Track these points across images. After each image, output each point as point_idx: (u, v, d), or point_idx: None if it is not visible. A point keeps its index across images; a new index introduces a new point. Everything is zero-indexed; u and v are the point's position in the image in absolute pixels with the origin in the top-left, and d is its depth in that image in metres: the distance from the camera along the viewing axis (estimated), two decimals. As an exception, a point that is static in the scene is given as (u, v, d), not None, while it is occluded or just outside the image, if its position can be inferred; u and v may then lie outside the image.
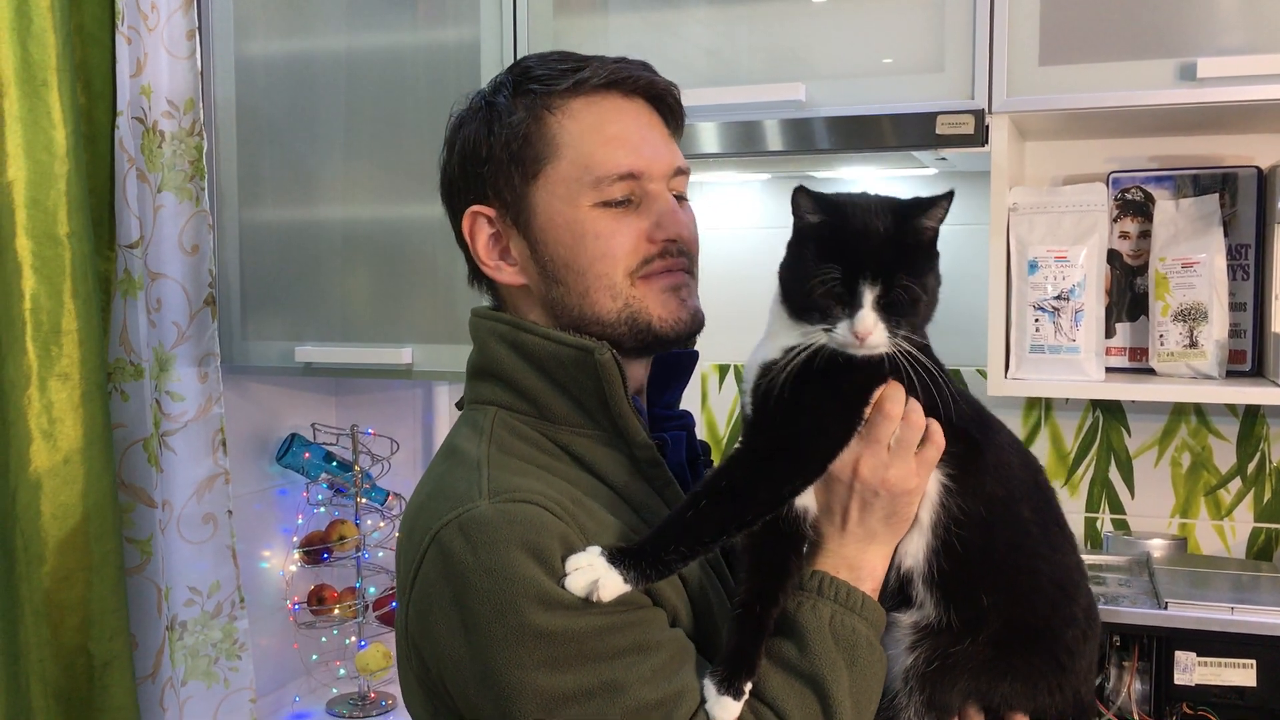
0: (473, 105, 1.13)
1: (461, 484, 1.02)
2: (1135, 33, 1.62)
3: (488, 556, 0.95)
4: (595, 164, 1.06)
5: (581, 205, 1.07)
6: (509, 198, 1.09)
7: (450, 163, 1.14)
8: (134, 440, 1.91)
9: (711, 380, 2.23)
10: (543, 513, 0.98)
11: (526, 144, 1.08)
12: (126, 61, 1.92)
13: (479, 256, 1.12)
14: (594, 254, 1.07)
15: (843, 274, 0.94)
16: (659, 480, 1.09)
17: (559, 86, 1.08)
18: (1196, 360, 1.72)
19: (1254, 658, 1.54)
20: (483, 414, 1.11)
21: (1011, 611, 1.03)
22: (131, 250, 1.91)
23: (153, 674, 1.92)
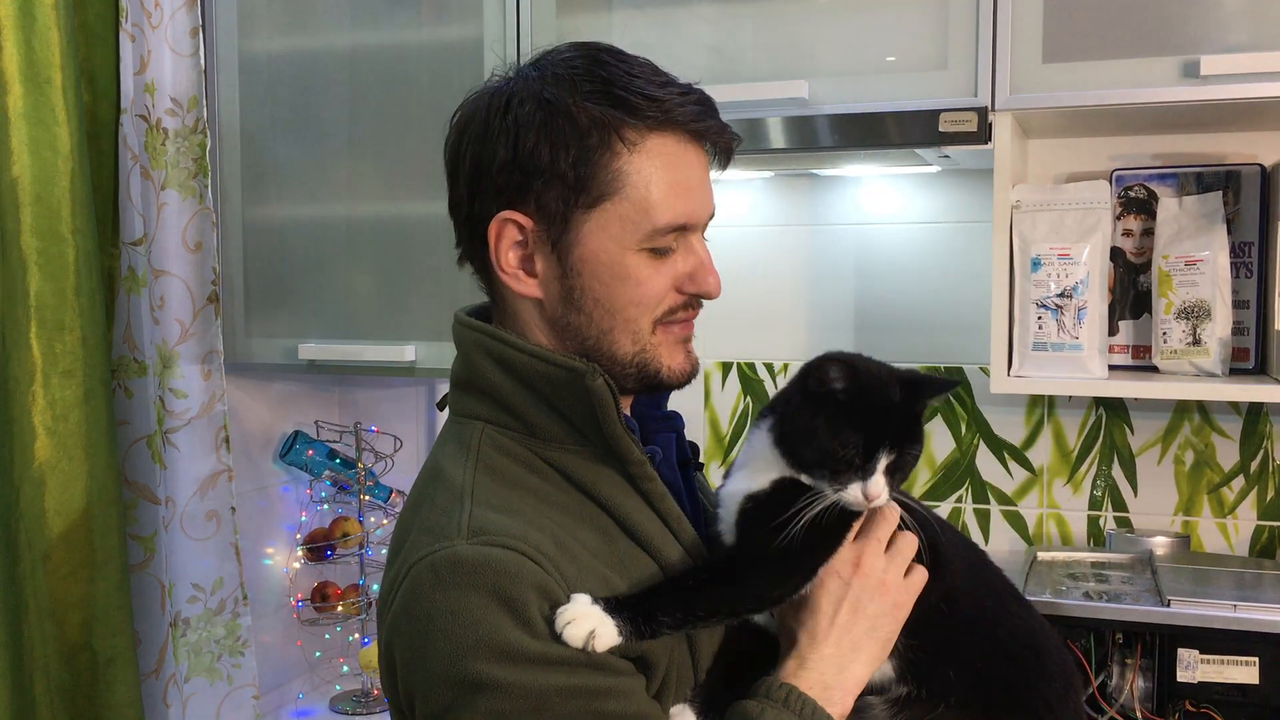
0: (525, 92, 1.02)
1: (443, 516, 0.99)
2: (1138, 30, 1.62)
3: (456, 599, 0.93)
4: (656, 212, 1.02)
5: (629, 247, 1.02)
6: (555, 217, 1.02)
7: (485, 151, 1.03)
8: (138, 437, 1.91)
9: (714, 378, 2.23)
10: (522, 560, 0.94)
11: (593, 173, 1.01)
12: (130, 59, 1.92)
13: (498, 260, 1.05)
14: (629, 297, 1.04)
15: (864, 443, 1.01)
16: (653, 494, 1.06)
17: (643, 120, 1.01)
18: (1199, 358, 1.72)
19: (1257, 655, 1.54)
20: (470, 429, 1.07)
21: (980, 677, 1.08)
22: (135, 247, 1.91)
23: (156, 670, 1.93)
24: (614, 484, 1.05)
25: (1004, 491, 2.07)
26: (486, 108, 1.04)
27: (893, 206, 2.11)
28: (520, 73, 1.06)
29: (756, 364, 2.21)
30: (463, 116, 1.07)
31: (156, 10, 1.96)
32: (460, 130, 1.06)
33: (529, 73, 1.05)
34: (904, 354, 2.11)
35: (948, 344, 2.09)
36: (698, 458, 1.20)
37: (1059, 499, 2.03)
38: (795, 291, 2.18)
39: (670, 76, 1.05)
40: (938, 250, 2.09)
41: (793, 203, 2.16)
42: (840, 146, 1.75)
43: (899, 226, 2.11)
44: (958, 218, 2.07)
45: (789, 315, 2.19)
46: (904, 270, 2.11)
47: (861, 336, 2.14)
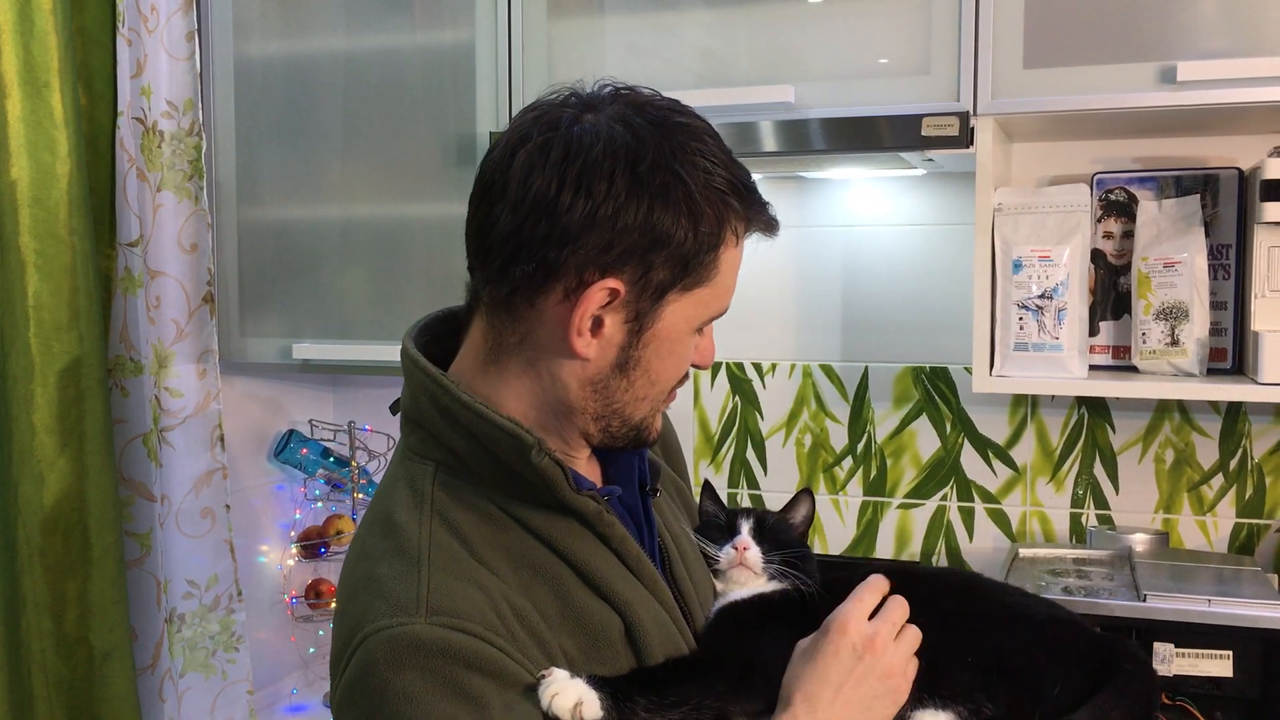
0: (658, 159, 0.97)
1: (400, 584, 0.96)
2: (1117, 36, 1.65)
3: (411, 682, 0.91)
4: (724, 299, 1.05)
5: (693, 328, 1.04)
6: (653, 290, 0.99)
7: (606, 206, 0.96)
8: (134, 435, 1.94)
9: (704, 378, 2.26)
10: (483, 646, 0.92)
11: (704, 260, 1.00)
12: (127, 63, 1.95)
13: (578, 321, 0.99)
14: (673, 373, 1.05)
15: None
16: (612, 539, 1.04)
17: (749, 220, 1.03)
18: (1177, 358, 1.75)
19: (1230, 649, 1.57)
20: (421, 473, 1.04)
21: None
22: (132, 248, 1.94)
23: (152, 665, 1.96)
24: (570, 531, 1.03)
25: (988, 490, 2.10)
26: (607, 159, 0.96)
27: (879, 209, 2.15)
28: (627, 122, 0.99)
29: (745, 364, 2.24)
30: (553, 152, 0.97)
31: (153, 14, 1.98)
32: (555, 166, 0.97)
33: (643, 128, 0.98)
34: (890, 354, 2.15)
35: (932, 345, 2.12)
36: (655, 481, 1.16)
37: (1042, 497, 2.06)
38: (783, 293, 2.21)
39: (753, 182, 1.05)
40: (923, 252, 2.12)
41: (781, 205, 2.14)
42: (826, 150, 1.78)
43: (885, 229, 2.15)
44: (942, 220, 2.11)
45: (777, 316, 2.22)
46: (890, 272, 2.14)
47: (848, 338, 2.17)
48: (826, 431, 2.20)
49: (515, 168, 0.98)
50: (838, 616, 1.07)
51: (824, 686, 1.04)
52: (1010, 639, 1.15)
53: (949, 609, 1.18)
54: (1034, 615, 1.20)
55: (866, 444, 2.17)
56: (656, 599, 1.06)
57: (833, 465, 2.20)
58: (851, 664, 1.05)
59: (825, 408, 2.20)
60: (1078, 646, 1.16)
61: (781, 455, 2.23)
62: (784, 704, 1.04)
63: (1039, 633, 1.17)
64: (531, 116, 1.01)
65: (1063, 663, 1.13)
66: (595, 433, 1.06)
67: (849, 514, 2.19)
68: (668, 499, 1.21)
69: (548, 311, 1.00)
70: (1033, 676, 1.11)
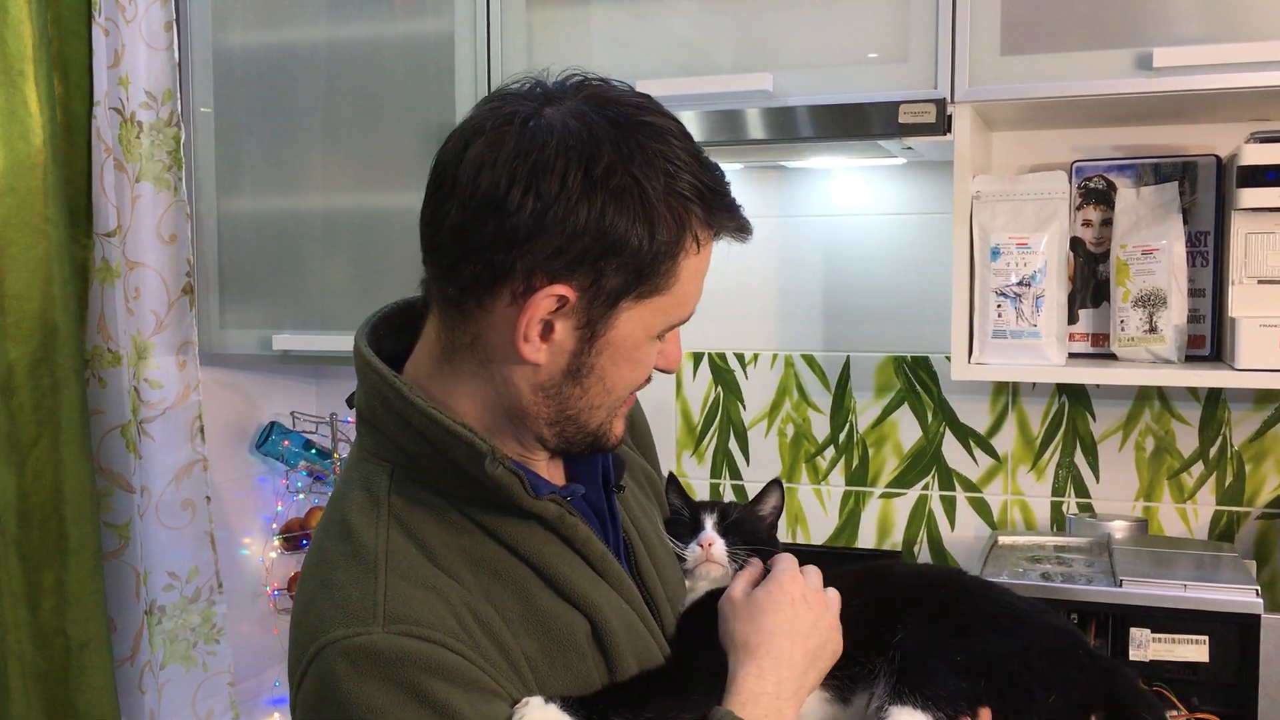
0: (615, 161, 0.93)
1: (356, 591, 0.94)
2: (1093, 23, 1.65)
3: (373, 693, 0.89)
4: (686, 306, 1.01)
5: (652, 335, 1.00)
6: (606, 298, 0.95)
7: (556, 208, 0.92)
8: (112, 426, 1.94)
9: (686, 369, 2.26)
10: (443, 653, 0.91)
11: (661, 268, 0.96)
12: (104, 52, 1.94)
13: (525, 327, 0.95)
14: (631, 380, 1.02)
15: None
16: (576, 540, 1.03)
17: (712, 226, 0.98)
18: (1156, 345, 1.75)
19: (1207, 634, 1.57)
20: (377, 475, 1.01)
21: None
22: (109, 239, 1.93)
23: (131, 657, 1.95)
24: (532, 534, 1.01)
25: (969, 479, 2.10)
26: (560, 160, 0.92)
27: (860, 198, 2.14)
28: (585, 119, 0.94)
29: (728, 354, 2.24)
30: (505, 148, 0.93)
31: (131, 4, 1.98)
32: (506, 165, 0.92)
33: (602, 128, 0.94)
34: (871, 344, 2.14)
35: (914, 333, 2.12)
36: (620, 477, 1.14)
37: (1023, 485, 2.06)
38: (765, 282, 2.21)
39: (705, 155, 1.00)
40: (904, 241, 2.12)
41: (763, 195, 2.19)
42: (804, 137, 1.78)
43: (867, 218, 2.15)
44: (923, 209, 2.11)
45: (760, 306, 2.21)
46: (872, 261, 2.14)
47: (830, 327, 2.17)
48: (809, 421, 2.20)
49: (466, 162, 0.94)
50: (779, 572, 1.10)
51: (782, 634, 1.05)
52: (1005, 642, 1.12)
53: (940, 605, 1.16)
54: (1031, 620, 1.16)
55: (848, 434, 2.17)
56: (623, 598, 1.05)
57: (815, 455, 2.19)
58: (804, 612, 1.07)
59: (807, 397, 2.20)
60: (1078, 659, 1.12)
61: (764, 445, 2.22)
62: (745, 654, 1.04)
63: (1036, 638, 1.13)
64: (489, 108, 0.97)
65: (1059, 673, 1.09)
66: (550, 437, 1.03)
67: (831, 504, 2.19)
68: (635, 491, 1.19)
69: (496, 314, 0.96)
70: (1025, 682, 1.08)
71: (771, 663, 1.03)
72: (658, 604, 1.11)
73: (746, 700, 1.01)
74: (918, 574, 1.34)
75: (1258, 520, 1.93)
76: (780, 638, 1.05)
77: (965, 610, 1.16)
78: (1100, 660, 1.14)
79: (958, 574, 1.31)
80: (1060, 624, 1.18)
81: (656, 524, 1.19)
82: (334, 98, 2.07)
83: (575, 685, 1.00)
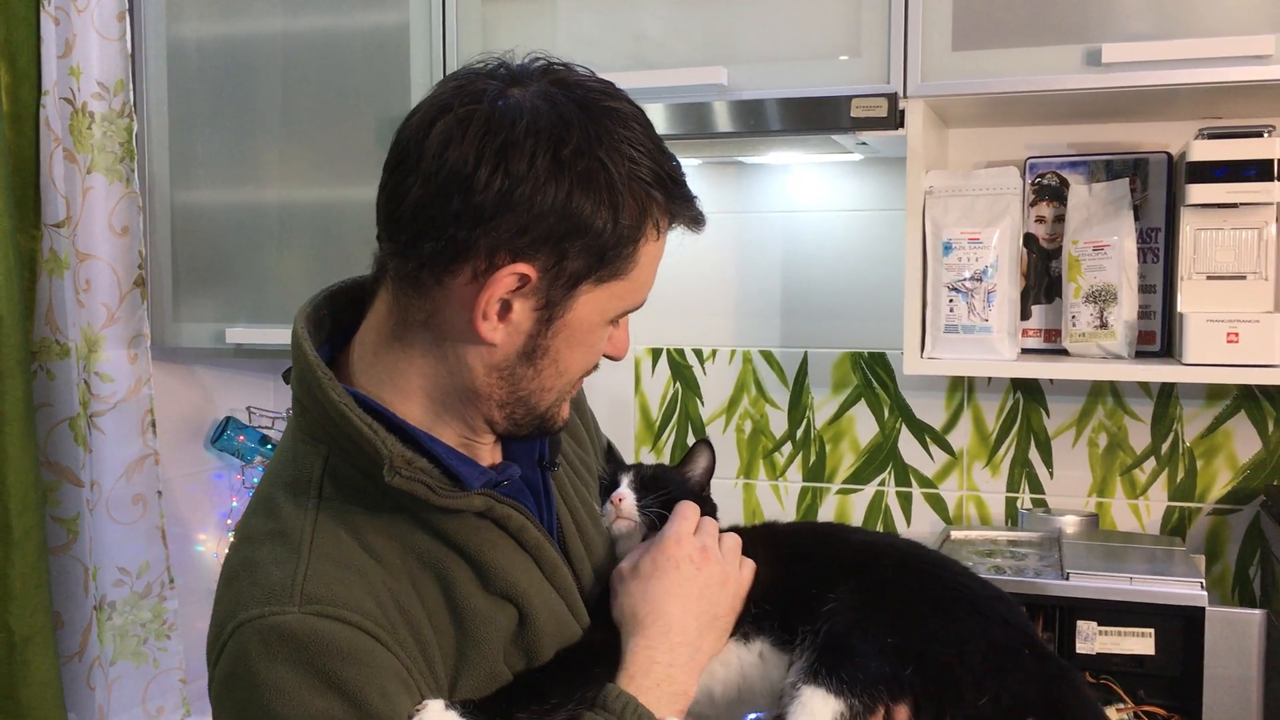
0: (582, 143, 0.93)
1: (277, 571, 0.92)
2: (1044, 19, 1.65)
3: (283, 675, 0.88)
4: (639, 294, 1.01)
5: (606, 320, 1.00)
6: (566, 279, 0.95)
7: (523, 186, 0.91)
8: (60, 419, 1.91)
9: (645, 365, 2.26)
10: (358, 636, 0.90)
11: (623, 253, 0.96)
12: (53, 42, 1.92)
13: (483, 304, 0.94)
14: (583, 363, 1.02)
15: None
16: (510, 526, 1.02)
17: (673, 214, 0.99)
18: (1106, 340, 1.76)
19: (1153, 627, 1.58)
20: (312, 455, 1.00)
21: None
22: (58, 230, 1.91)
23: (79, 653, 1.93)
24: (464, 522, 1.00)
25: (925, 475, 2.10)
26: (529, 140, 0.92)
27: (819, 195, 2.15)
28: (554, 101, 0.94)
29: (686, 350, 2.24)
30: (472, 125, 0.93)
31: (82, -6, 1.96)
32: (478, 142, 0.92)
33: (571, 111, 0.94)
34: (829, 339, 2.15)
35: (871, 329, 2.12)
36: (556, 454, 1.13)
37: (978, 481, 2.07)
38: (724, 278, 2.21)
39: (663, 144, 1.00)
40: (862, 237, 2.12)
41: (721, 190, 2.19)
42: (758, 131, 1.78)
43: (824, 214, 2.15)
44: (880, 205, 2.11)
45: (718, 302, 2.21)
46: (829, 257, 2.14)
47: (788, 323, 2.17)
48: (766, 418, 2.20)
49: (432, 138, 0.93)
50: (665, 534, 1.08)
51: (670, 600, 1.03)
52: (946, 629, 1.03)
53: (883, 578, 1.08)
54: (981, 610, 1.06)
55: (806, 430, 2.17)
56: (553, 585, 1.04)
57: (772, 451, 2.19)
58: (692, 574, 1.05)
59: (765, 394, 2.20)
60: (1022, 660, 1.03)
61: (722, 441, 2.22)
62: (634, 626, 1.03)
63: (982, 629, 1.04)
64: (454, 86, 0.96)
65: (997, 673, 1.00)
66: (500, 420, 1.02)
67: (789, 500, 2.19)
68: (569, 469, 1.18)
69: (455, 292, 0.95)
70: (957, 678, 1.00)
71: (660, 630, 1.02)
72: (585, 587, 1.10)
73: (635, 673, 1.00)
74: (868, 541, 1.22)
75: (1209, 516, 1.95)
76: (667, 603, 1.04)
77: (910, 587, 1.08)
78: (1049, 662, 1.05)
79: (912, 546, 1.18)
80: (1014, 618, 1.08)
81: (590, 504, 1.18)
82: (290, 90, 2.05)
83: (487, 684, 0.99)
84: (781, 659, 1.07)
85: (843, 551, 1.15)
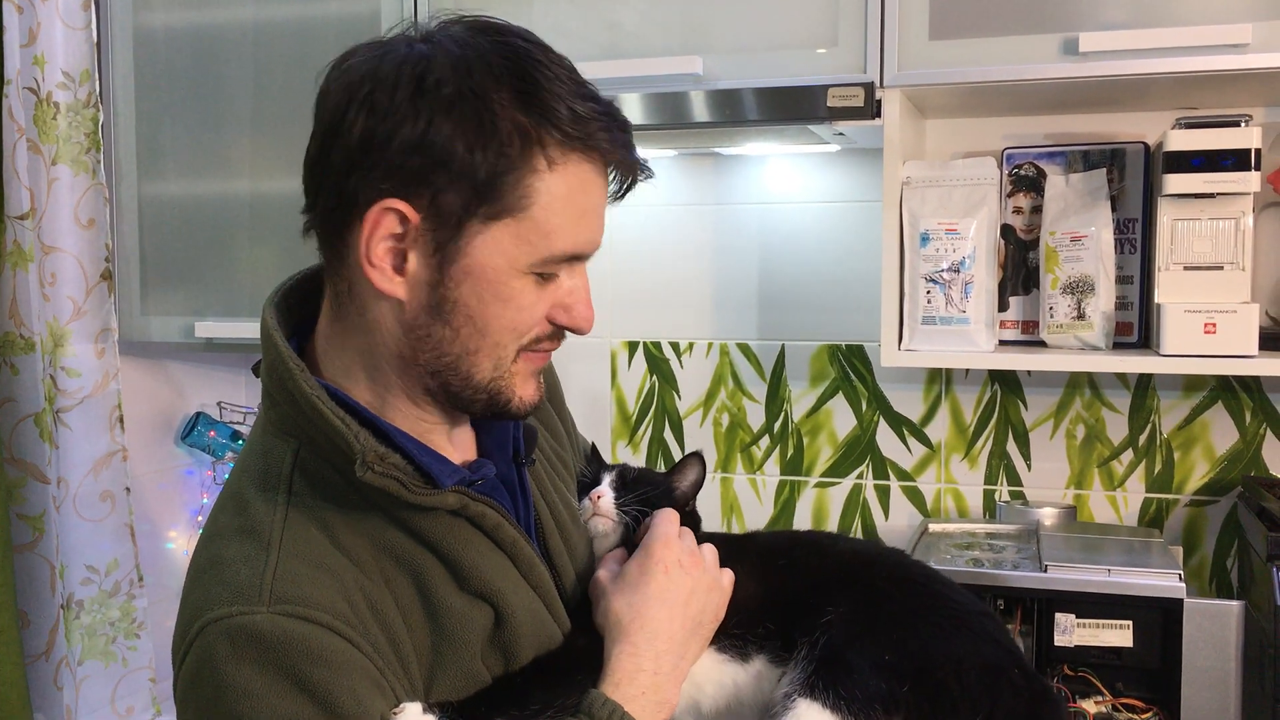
0: (446, 72, 0.90)
1: (245, 569, 0.90)
2: (1021, 8, 1.64)
3: (250, 677, 0.85)
4: (557, 238, 0.94)
5: (518, 269, 0.94)
6: (448, 219, 0.91)
7: (383, 124, 0.89)
8: (25, 415, 1.88)
9: (621, 358, 2.24)
10: (328, 636, 0.87)
11: (505, 184, 0.91)
12: (17, 30, 1.88)
13: (368, 250, 0.92)
14: (505, 322, 0.95)
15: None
16: (485, 524, 0.99)
17: (568, 139, 0.92)
18: (1083, 331, 1.75)
19: (1130, 619, 1.57)
20: (282, 449, 0.98)
21: None
22: (21, 222, 1.87)
23: (46, 652, 1.90)
24: (438, 520, 0.97)
25: (903, 467, 2.09)
26: (394, 74, 0.90)
27: (795, 186, 2.13)
28: (434, 41, 0.93)
29: (663, 343, 2.22)
30: (352, 70, 0.93)
31: (47, -18, 1.92)
32: (349, 87, 0.92)
33: (446, 44, 0.92)
34: (806, 333, 2.13)
35: (848, 321, 2.11)
36: (531, 450, 1.10)
37: (956, 474, 2.06)
38: (700, 271, 2.19)
39: (593, 88, 0.96)
40: (839, 229, 2.11)
41: (697, 182, 2.17)
42: (733, 121, 1.76)
43: (801, 206, 2.13)
44: (858, 197, 2.10)
45: (695, 295, 2.20)
46: (807, 249, 2.13)
47: (765, 315, 2.16)
48: (744, 411, 2.18)
49: (323, 91, 0.94)
50: (651, 538, 1.06)
51: (656, 606, 1.01)
52: (941, 646, 1.03)
53: (877, 591, 1.08)
54: (970, 625, 1.06)
55: (783, 423, 2.16)
56: (532, 585, 1.02)
57: (750, 444, 2.18)
58: (680, 579, 1.03)
59: (743, 386, 2.18)
60: (1012, 680, 1.02)
61: (699, 435, 2.20)
62: (618, 632, 1.01)
63: (974, 647, 1.04)
64: (367, 42, 0.96)
65: (990, 692, 1.00)
66: (436, 389, 0.98)
67: (766, 493, 2.17)
68: (547, 466, 1.15)
69: (354, 249, 0.93)
70: (953, 698, 0.99)
71: (646, 637, 1.00)
72: (565, 585, 1.08)
73: (620, 680, 0.98)
74: (857, 550, 1.22)
75: (1186, 507, 1.94)
76: (654, 609, 1.01)
77: (904, 601, 1.08)
78: (1034, 682, 1.05)
79: (901, 557, 1.18)
80: (999, 633, 1.09)
81: (569, 500, 1.15)
82: (261, 79, 2.02)
83: (466, 684, 0.96)
84: (775, 673, 1.06)
85: (834, 561, 1.14)
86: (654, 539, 1.07)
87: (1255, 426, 1.91)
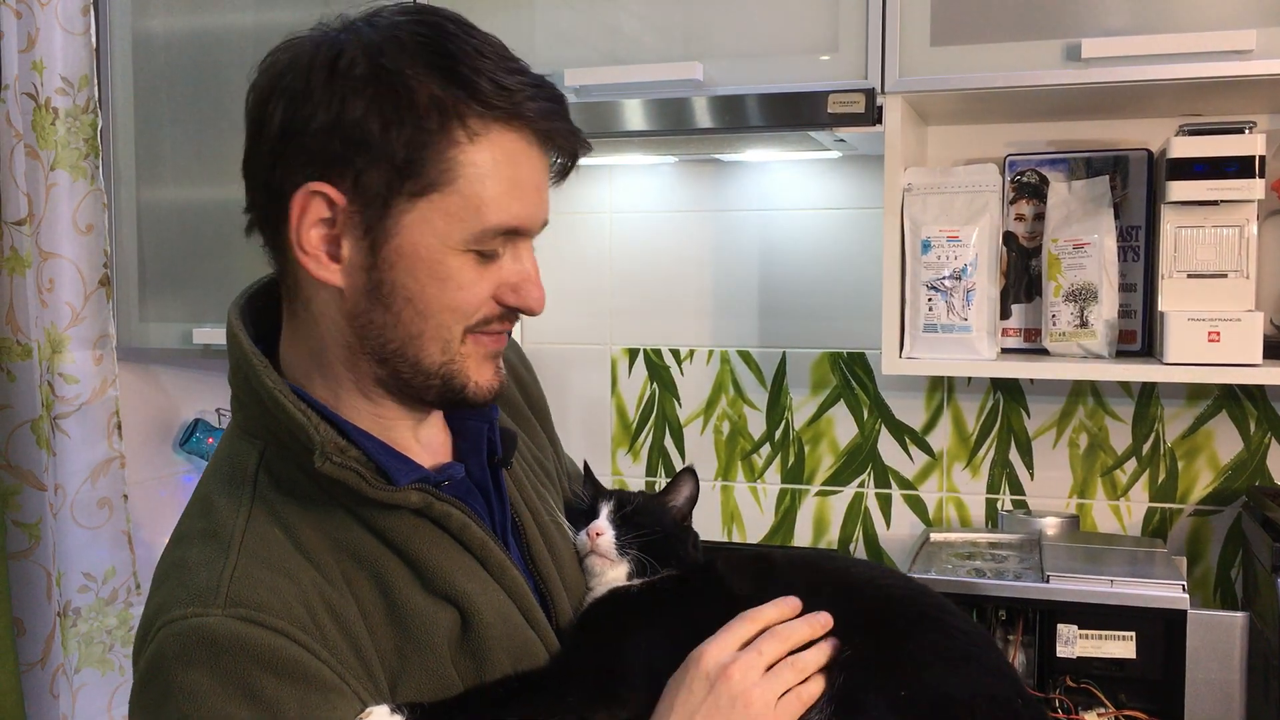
0: (357, 52, 0.89)
1: (204, 571, 0.89)
2: (1023, 14, 1.63)
3: (196, 681, 0.84)
4: (488, 211, 0.91)
5: (453, 246, 0.92)
6: (374, 199, 0.90)
7: (300, 110, 0.89)
8: (21, 421, 1.87)
9: (621, 365, 2.23)
10: (281, 642, 0.86)
11: (426, 159, 0.90)
12: (15, 36, 1.88)
13: (298, 238, 0.91)
14: (445, 302, 0.93)
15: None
16: (452, 526, 0.97)
17: (489, 109, 0.90)
18: (1086, 340, 1.74)
19: (1134, 630, 1.55)
20: (248, 451, 0.97)
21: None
22: (19, 228, 1.87)
23: (42, 660, 1.88)
24: (402, 520, 0.96)
25: (905, 476, 2.08)
26: (309, 61, 0.90)
27: (797, 193, 2.12)
28: (351, 26, 0.93)
29: (663, 350, 2.21)
30: (275, 64, 0.93)
31: (45, -13, 1.91)
32: (271, 80, 0.92)
33: (362, 29, 0.92)
34: (807, 340, 2.12)
35: (850, 329, 2.10)
36: (510, 453, 1.07)
37: (958, 483, 2.05)
38: (701, 277, 2.18)
39: (522, 63, 0.94)
40: (841, 236, 2.10)
41: (698, 188, 2.16)
42: (734, 127, 1.75)
43: (803, 213, 2.12)
44: (859, 203, 2.09)
45: (695, 301, 2.19)
46: (808, 256, 2.12)
47: (766, 323, 2.15)
48: (744, 419, 2.17)
49: (250, 88, 0.94)
50: (700, 647, 1.00)
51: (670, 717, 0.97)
52: (955, 683, 1.01)
53: (896, 629, 1.05)
54: (978, 658, 1.05)
55: (784, 431, 2.15)
56: (504, 588, 0.99)
57: (750, 452, 2.17)
58: (703, 694, 0.97)
59: (743, 394, 2.17)
60: (1016, 712, 1.01)
61: (699, 443, 2.19)
62: None
63: (983, 681, 1.02)
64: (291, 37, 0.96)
65: None
66: (387, 378, 0.96)
67: (767, 502, 2.16)
68: (527, 469, 1.13)
69: (285, 241, 0.93)
70: None
71: None
72: (551, 590, 1.05)
73: None
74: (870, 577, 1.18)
75: (1190, 517, 1.93)
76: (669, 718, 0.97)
77: (920, 638, 1.05)
78: (1033, 709, 1.05)
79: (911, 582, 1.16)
80: (1004, 666, 1.09)
81: (551, 504, 1.13)
82: (259, 85, 2.01)
83: (435, 688, 0.94)
84: None
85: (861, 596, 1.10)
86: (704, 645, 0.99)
87: (1260, 436, 1.89)
